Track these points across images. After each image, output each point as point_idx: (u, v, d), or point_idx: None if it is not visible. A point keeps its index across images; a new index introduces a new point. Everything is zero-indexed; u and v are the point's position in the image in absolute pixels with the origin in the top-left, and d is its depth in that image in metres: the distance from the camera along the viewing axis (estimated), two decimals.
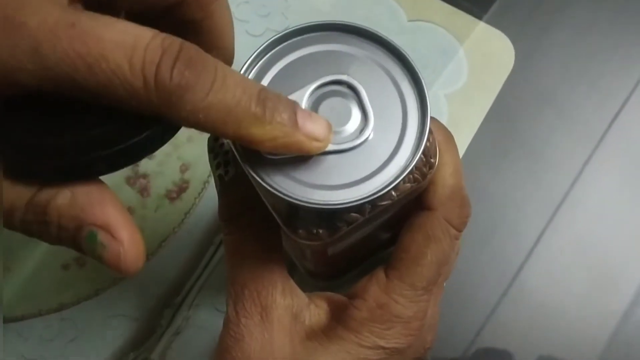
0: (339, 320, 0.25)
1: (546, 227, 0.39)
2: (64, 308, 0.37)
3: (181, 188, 0.38)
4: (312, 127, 0.20)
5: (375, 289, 0.25)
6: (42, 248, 0.37)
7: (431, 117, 0.23)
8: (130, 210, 0.38)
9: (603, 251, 0.39)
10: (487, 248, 0.39)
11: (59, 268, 0.37)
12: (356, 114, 0.22)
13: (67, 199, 0.20)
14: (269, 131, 0.20)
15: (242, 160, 0.21)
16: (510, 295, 0.38)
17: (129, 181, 0.38)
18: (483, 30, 0.41)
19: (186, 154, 0.38)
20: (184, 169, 0.38)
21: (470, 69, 0.41)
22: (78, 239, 0.21)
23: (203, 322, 0.36)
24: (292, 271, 0.27)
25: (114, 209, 0.21)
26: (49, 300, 0.37)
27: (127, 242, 0.20)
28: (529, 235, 0.39)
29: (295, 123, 0.20)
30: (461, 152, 0.39)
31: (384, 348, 0.24)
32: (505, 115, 0.40)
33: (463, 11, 0.42)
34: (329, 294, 0.27)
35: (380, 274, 0.25)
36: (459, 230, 0.26)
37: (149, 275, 0.37)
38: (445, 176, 0.25)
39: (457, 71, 0.41)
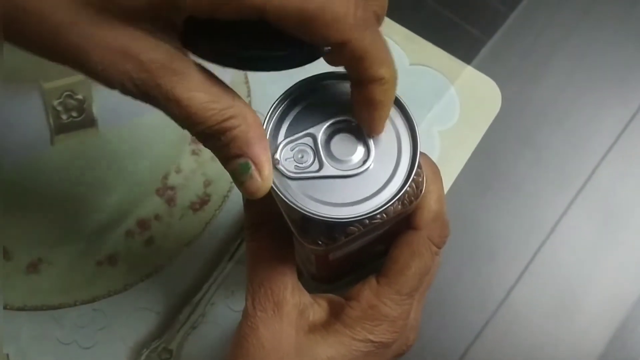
0: (337, 317, 0.30)
1: (528, 263, 0.44)
2: (96, 300, 0.41)
3: (203, 200, 0.43)
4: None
5: (367, 292, 0.29)
6: (79, 246, 0.42)
7: (422, 153, 0.28)
8: (157, 217, 0.43)
9: (581, 292, 0.43)
10: (470, 273, 0.43)
11: (94, 264, 0.42)
12: (360, 147, 0.27)
13: (243, 131, 0.25)
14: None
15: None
16: (492, 325, 0.43)
17: (158, 192, 0.43)
18: (475, 76, 0.47)
19: (210, 170, 0.44)
20: (207, 183, 0.44)
21: (462, 110, 0.46)
22: (233, 160, 0.25)
23: (217, 318, 0.41)
24: (299, 276, 0.32)
25: (266, 151, 0.25)
26: (83, 292, 0.41)
27: (265, 179, 0.25)
28: (509, 267, 0.44)
29: None
30: (449, 183, 0.44)
31: (372, 342, 0.29)
32: (490, 153, 0.46)
33: (458, 59, 0.47)
34: (330, 295, 0.32)
35: (372, 281, 0.30)
36: (439, 248, 0.31)
37: (171, 275, 0.42)
38: (431, 202, 0.30)
39: (450, 111, 0.46)
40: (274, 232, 0.30)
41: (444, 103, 0.46)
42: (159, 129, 0.44)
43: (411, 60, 0.47)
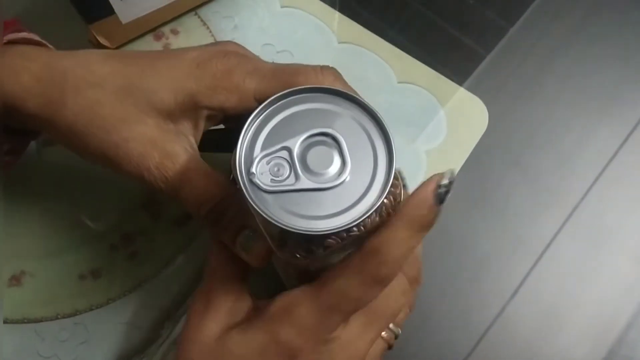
0: (258, 314, 0.30)
1: (518, 285, 0.44)
2: (77, 313, 0.41)
3: (189, 216, 0.43)
4: None
5: (294, 291, 0.29)
6: (62, 259, 0.42)
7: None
8: (142, 232, 0.43)
9: (572, 314, 0.43)
10: (456, 293, 0.43)
11: (77, 278, 0.42)
12: (337, 160, 0.27)
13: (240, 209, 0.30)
14: None
15: (247, 194, 0.26)
16: (481, 347, 0.43)
17: (144, 206, 0.43)
18: (462, 95, 0.47)
19: None
20: None
21: (449, 128, 0.46)
22: (237, 234, 0.31)
23: None
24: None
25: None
26: (65, 305, 0.41)
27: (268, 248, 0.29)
28: (498, 287, 0.44)
29: None
30: None
31: (279, 341, 0.28)
32: (477, 172, 0.46)
33: (445, 77, 0.48)
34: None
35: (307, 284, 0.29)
36: (378, 274, 0.28)
37: (154, 290, 0.42)
38: (387, 232, 0.28)
39: (437, 129, 0.46)
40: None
41: (431, 121, 0.46)
42: None
43: (399, 79, 0.47)
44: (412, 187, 0.44)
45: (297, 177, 0.26)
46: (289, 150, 0.27)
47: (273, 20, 0.49)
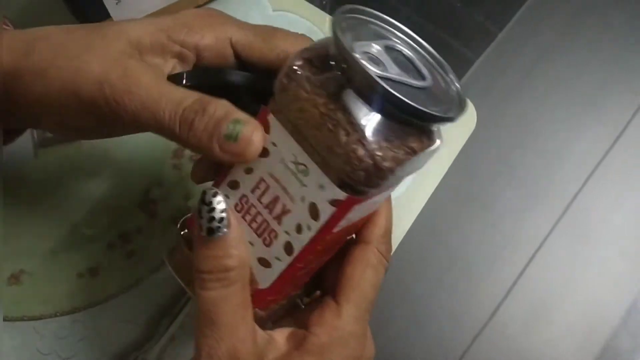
0: (301, 349, 0.28)
1: (514, 284, 0.45)
2: (76, 311, 0.42)
3: (184, 214, 0.44)
4: None
5: (329, 314, 0.29)
6: (61, 258, 0.43)
7: None
8: (139, 230, 0.44)
9: (564, 313, 0.44)
10: (447, 290, 0.45)
11: (75, 276, 0.43)
12: (415, 71, 0.28)
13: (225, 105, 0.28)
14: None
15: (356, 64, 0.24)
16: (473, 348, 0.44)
17: (140, 205, 0.44)
18: None
19: (189, 184, 0.45)
20: (187, 197, 0.44)
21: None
22: (220, 125, 0.27)
23: None
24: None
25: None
26: (64, 303, 0.42)
27: (258, 131, 0.27)
28: (489, 284, 0.45)
29: None
30: (425, 199, 0.46)
31: None
32: (465, 171, 0.47)
33: None
34: (283, 329, 0.30)
35: (330, 302, 0.29)
36: (387, 261, 0.31)
37: (151, 287, 0.43)
38: (381, 219, 0.31)
39: None
40: (236, 280, 0.28)
41: None
42: (141, 144, 0.45)
43: None
44: (406, 185, 0.45)
45: (392, 68, 0.26)
46: (378, 46, 0.27)
47: (265, 23, 0.50)
